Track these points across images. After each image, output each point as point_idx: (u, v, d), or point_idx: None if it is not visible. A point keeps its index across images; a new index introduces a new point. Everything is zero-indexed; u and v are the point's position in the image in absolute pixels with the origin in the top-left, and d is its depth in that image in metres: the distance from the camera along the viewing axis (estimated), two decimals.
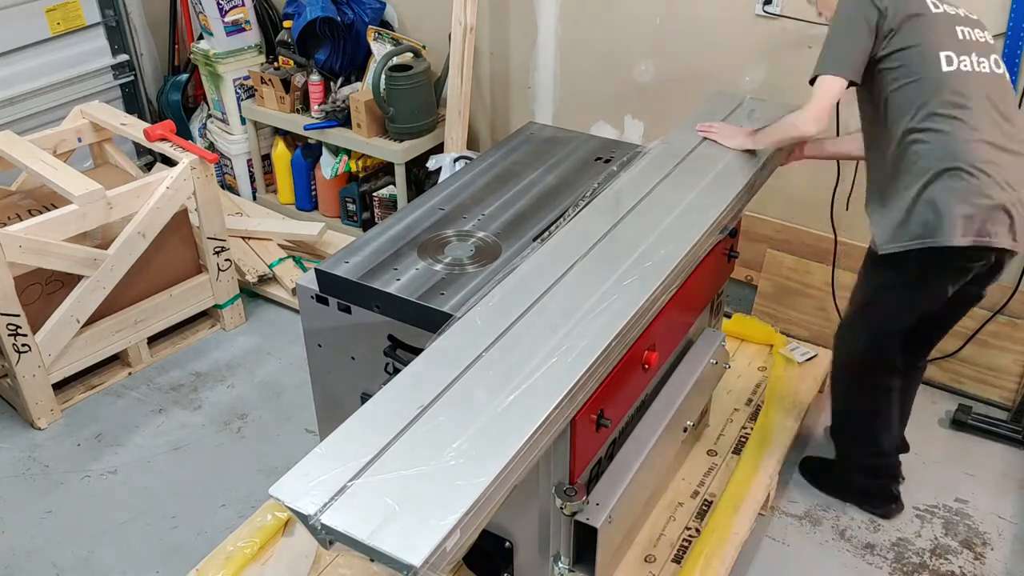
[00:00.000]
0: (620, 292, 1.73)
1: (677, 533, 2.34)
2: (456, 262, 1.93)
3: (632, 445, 2.07)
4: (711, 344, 2.39)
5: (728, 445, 2.63)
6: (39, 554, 2.53)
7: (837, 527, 2.55)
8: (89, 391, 3.12)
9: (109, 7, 4.14)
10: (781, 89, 2.98)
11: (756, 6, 2.94)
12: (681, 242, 1.89)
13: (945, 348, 3.00)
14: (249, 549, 2.28)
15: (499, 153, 2.44)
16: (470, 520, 1.27)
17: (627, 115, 3.41)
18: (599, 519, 1.87)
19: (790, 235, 3.22)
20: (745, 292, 3.40)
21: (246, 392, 3.13)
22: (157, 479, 2.78)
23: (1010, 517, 2.58)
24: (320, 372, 2.07)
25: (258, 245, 3.73)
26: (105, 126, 3.41)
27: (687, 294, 2.07)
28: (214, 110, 4.22)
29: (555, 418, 1.46)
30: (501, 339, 1.60)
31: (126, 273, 3.03)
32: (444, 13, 3.47)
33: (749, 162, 2.24)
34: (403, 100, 3.55)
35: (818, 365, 2.93)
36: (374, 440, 1.37)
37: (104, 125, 3.41)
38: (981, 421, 2.86)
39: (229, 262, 3.36)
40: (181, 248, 3.26)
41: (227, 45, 3.90)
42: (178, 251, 3.25)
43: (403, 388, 1.49)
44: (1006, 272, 2.81)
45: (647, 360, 1.91)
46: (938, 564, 2.44)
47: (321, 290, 1.92)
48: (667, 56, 3.21)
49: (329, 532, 1.25)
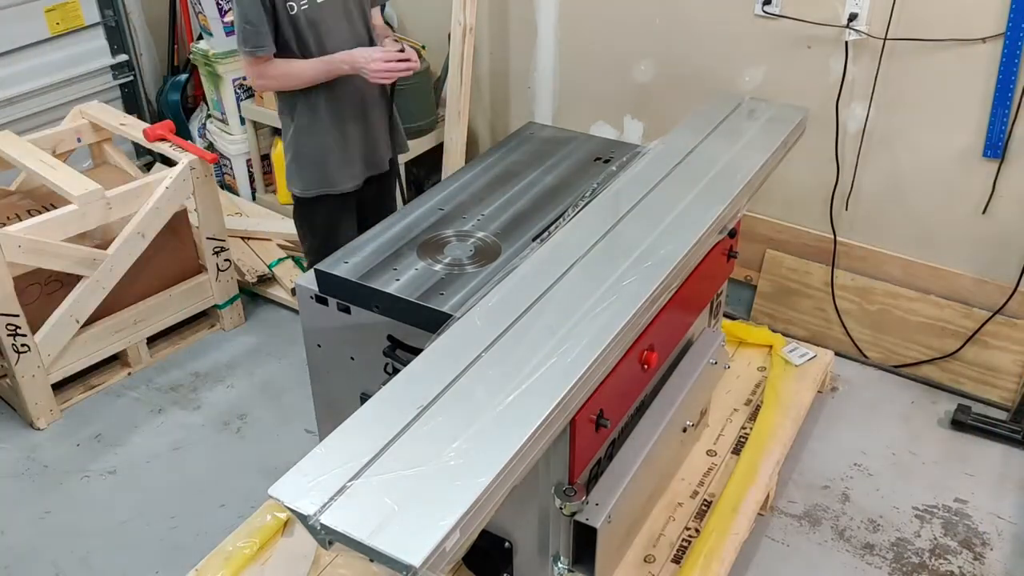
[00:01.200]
0: (619, 292, 1.73)
1: (676, 533, 2.34)
2: (456, 262, 1.93)
3: (631, 445, 2.07)
4: (710, 344, 2.39)
5: (727, 445, 2.63)
6: (38, 554, 2.53)
7: (836, 527, 2.56)
8: (88, 391, 3.12)
9: (108, 7, 4.14)
10: (780, 89, 2.99)
11: (755, 6, 2.94)
12: (680, 242, 1.89)
13: (945, 348, 3.01)
14: (248, 549, 2.28)
15: (498, 153, 2.44)
16: (469, 520, 1.27)
17: (627, 115, 3.41)
18: (598, 519, 1.87)
19: (789, 235, 3.23)
20: (744, 292, 3.40)
21: (245, 392, 3.13)
22: (156, 479, 2.78)
23: (1009, 517, 2.58)
24: (319, 372, 2.07)
25: (258, 245, 3.73)
26: (104, 126, 3.41)
27: (686, 294, 2.07)
28: (213, 110, 4.21)
29: (554, 418, 1.46)
30: (500, 339, 1.60)
31: (126, 273, 3.03)
32: (444, 13, 3.47)
33: (748, 162, 2.24)
34: (402, 100, 3.54)
35: (817, 366, 2.93)
36: (373, 440, 1.37)
37: (103, 125, 3.41)
38: (980, 421, 2.86)
39: (228, 262, 3.36)
40: (180, 248, 3.26)
41: (227, 45, 3.89)
42: (177, 251, 3.25)
43: (402, 388, 1.49)
44: (1005, 272, 2.84)
45: (646, 360, 1.91)
46: (937, 564, 2.44)
47: (320, 290, 1.92)
48: (667, 56, 3.21)
49: (328, 532, 1.24)
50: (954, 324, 2.97)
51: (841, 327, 3.19)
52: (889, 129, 2.88)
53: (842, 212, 3.09)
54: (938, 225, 2.93)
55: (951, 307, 2.96)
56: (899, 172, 2.93)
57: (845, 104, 2.92)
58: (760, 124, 2.44)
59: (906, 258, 3.02)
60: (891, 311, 3.08)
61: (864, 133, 2.93)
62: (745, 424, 2.71)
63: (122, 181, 3.15)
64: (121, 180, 3.22)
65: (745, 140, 2.36)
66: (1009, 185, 2.75)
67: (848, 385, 3.09)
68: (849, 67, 2.86)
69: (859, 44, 2.81)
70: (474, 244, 2.00)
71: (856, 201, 3.05)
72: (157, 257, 3.13)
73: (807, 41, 2.91)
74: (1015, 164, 2.71)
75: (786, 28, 2.92)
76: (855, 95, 2.89)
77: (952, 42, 2.66)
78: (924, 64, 2.74)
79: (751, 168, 2.21)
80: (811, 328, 3.26)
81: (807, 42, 2.91)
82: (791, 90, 2.97)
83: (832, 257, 3.14)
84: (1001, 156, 2.71)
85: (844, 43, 2.83)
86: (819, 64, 2.91)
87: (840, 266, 3.14)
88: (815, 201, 3.13)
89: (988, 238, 2.85)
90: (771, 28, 2.95)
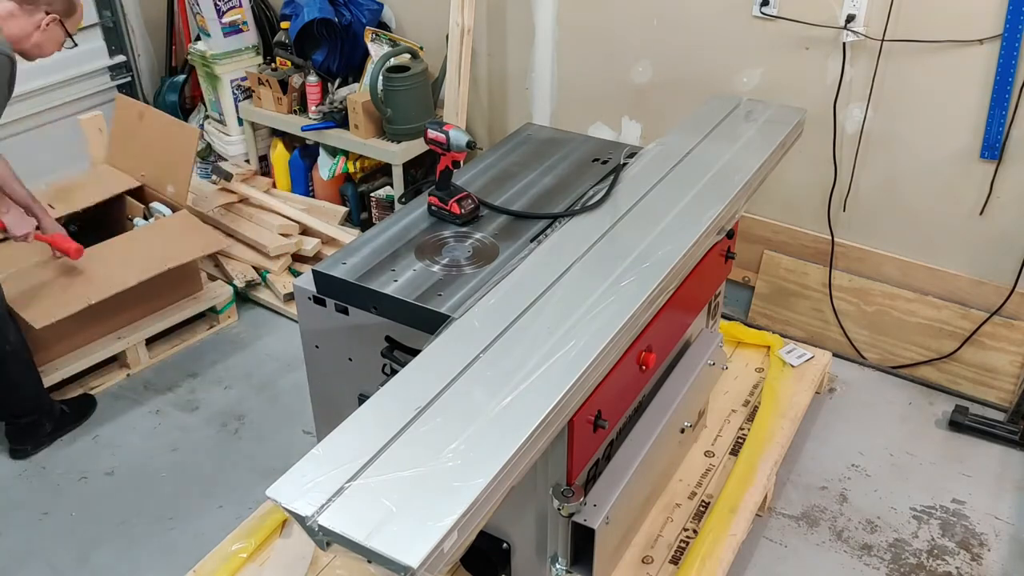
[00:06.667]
0: (617, 293, 1.73)
1: (674, 534, 2.34)
2: (454, 263, 1.93)
3: (629, 446, 2.07)
4: (708, 345, 2.40)
5: (725, 446, 2.63)
6: (36, 556, 2.52)
7: (834, 528, 2.56)
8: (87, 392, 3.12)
9: (106, 8, 4.14)
10: (778, 90, 2.99)
11: (753, 7, 2.94)
12: (678, 243, 1.89)
13: (942, 349, 3.01)
14: (246, 551, 2.28)
15: (497, 154, 2.44)
16: (468, 521, 1.27)
17: (624, 116, 3.41)
18: (597, 520, 1.87)
19: (787, 236, 3.23)
20: (742, 293, 3.41)
21: (243, 393, 3.13)
22: (154, 480, 2.77)
23: (1007, 518, 2.58)
24: (317, 373, 2.07)
25: (251, 251, 3.72)
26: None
27: (684, 295, 2.07)
28: (211, 111, 4.21)
29: (553, 419, 1.46)
30: (498, 340, 1.60)
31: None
32: (442, 14, 3.47)
33: (746, 163, 2.24)
34: (400, 101, 3.55)
35: (815, 367, 2.93)
36: (371, 441, 1.37)
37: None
38: (978, 422, 2.86)
39: (228, 265, 3.36)
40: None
41: (224, 46, 3.90)
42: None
43: (400, 389, 1.49)
44: (1002, 273, 2.84)
45: (644, 361, 1.91)
46: (935, 565, 2.44)
47: (318, 291, 1.92)
48: (664, 57, 3.21)
49: (326, 533, 1.24)
50: (952, 325, 2.97)
51: (839, 328, 3.19)
52: (887, 130, 2.89)
53: (840, 213, 3.09)
54: (936, 226, 2.93)
55: (949, 308, 2.97)
56: (897, 173, 2.93)
57: (843, 105, 2.93)
58: (758, 125, 2.45)
59: (904, 259, 3.02)
60: (889, 312, 3.08)
61: (862, 134, 2.93)
62: (743, 425, 2.71)
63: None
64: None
65: (743, 141, 2.36)
66: (1006, 186, 2.75)
67: (846, 386, 3.10)
68: (847, 68, 2.86)
69: (857, 45, 2.82)
70: (472, 245, 2.00)
71: (854, 202, 3.05)
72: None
73: (805, 42, 2.91)
74: (1012, 165, 2.72)
75: (784, 29, 2.92)
76: (853, 96, 2.90)
77: (949, 43, 2.67)
78: (922, 65, 2.74)
79: (749, 169, 2.22)
80: (809, 329, 3.26)
81: (805, 43, 2.91)
82: (789, 91, 2.97)
83: (830, 258, 3.14)
84: (998, 157, 2.72)
85: (842, 44, 2.83)
86: (817, 65, 2.92)
87: (838, 267, 3.15)
88: (813, 202, 3.13)
89: (986, 239, 2.85)
90: (769, 29, 2.95)
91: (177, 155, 3.40)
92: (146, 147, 3.51)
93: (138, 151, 3.54)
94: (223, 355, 3.33)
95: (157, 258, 3.11)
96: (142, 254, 3.12)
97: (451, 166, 2.06)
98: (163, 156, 3.45)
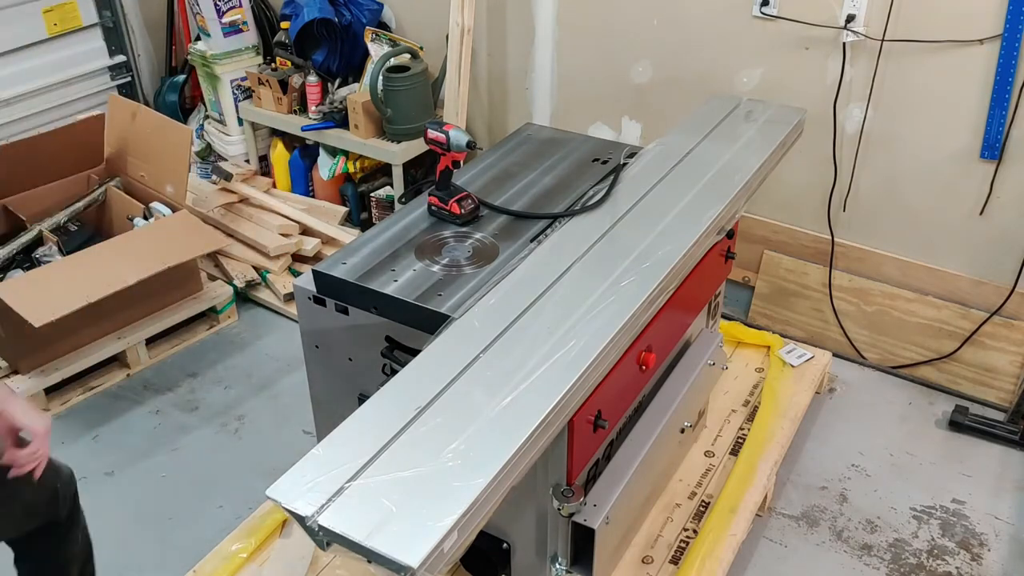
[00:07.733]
0: (617, 293, 1.73)
1: (674, 534, 2.34)
2: (454, 263, 1.93)
3: (629, 446, 2.07)
4: (708, 345, 2.40)
5: (725, 446, 2.63)
6: None
7: (834, 528, 2.56)
8: (87, 392, 3.12)
9: (106, 8, 4.14)
10: (778, 90, 2.99)
11: (753, 7, 2.94)
12: (678, 243, 1.89)
13: (942, 349, 3.01)
14: (246, 551, 2.28)
15: (497, 154, 2.44)
16: (468, 521, 1.27)
17: (624, 116, 3.41)
18: (597, 520, 1.87)
19: (787, 236, 3.23)
20: (742, 293, 3.41)
21: (243, 393, 3.13)
22: (154, 480, 2.77)
23: (1007, 518, 2.58)
24: (317, 373, 2.07)
25: (251, 251, 3.72)
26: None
27: (684, 295, 2.07)
28: (211, 111, 4.21)
29: (553, 419, 1.46)
30: (498, 340, 1.60)
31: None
32: (442, 14, 3.47)
33: (746, 163, 2.24)
34: (400, 101, 3.55)
35: (815, 367, 2.93)
36: (371, 441, 1.37)
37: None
38: (978, 422, 2.86)
39: (228, 265, 3.36)
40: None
41: (224, 46, 3.90)
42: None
43: (400, 389, 1.49)
44: (1002, 273, 2.84)
45: (644, 361, 1.91)
46: (935, 565, 2.44)
47: (318, 291, 1.92)
48: (664, 57, 3.21)
49: (326, 533, 1.24)
50: (952, 325, 2.97)
51: (839, 328, 3.19)
52: (887, 130, 2.89)
53: (840, 213, 3.09)
54: (936, 226, 2.93)
55: (949, 308, 2.97)
56: (897, 173, 2.93)
57: (843, 105, 2.93)
58: (758, 125, 2.45)
59: (904, 259, 3.02)
60: (889, 312, 3.08)
61: (862, 134, 2.93)
62: (743, 425, 2.71)
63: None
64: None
65: (743, 141, 2.36)
66: (1006, 186, 2.75)
67: (846, 386, 3.10)
68: (847, 68, 2.86)
69: (857, 45, 2.82)
70: (472, 245, 2.00)
71: (854, 202, 3.05)
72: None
73: (805, 42, 2.91)
74: (1012, 165, 2.72)
75: (784, 29, 2.92)
76: (853, 96, 2.90)
77: (949, 43, 2.67)
78: (922, 65, 2.74)
79: (749, 169, 2.22)
80: (809, 329, 3.26)
81: (805, 43, 2.91)
82: (789, 91, 2.97)
83: (830, 258, 3.14)
84: (998, 157, 2.72)
85: (842, 44, 2.83)
86: (817, 65, 2.92)
87: (838, 267, 3.15)
88: (813, 202, 3.13)
89: (986, 239, 2.85)
90: (769, 29, 2.95)
91: (173, 155, 3.40)
92: (142, 147, 3.51)
93: (134, 151, 3.53)
94: (223, 355, 3.33)
95: (157, 257, 3.10)
96: (142, 253, 3.12)
97: (451, 166, 2.06)
98: (159, 156, 3.45)
